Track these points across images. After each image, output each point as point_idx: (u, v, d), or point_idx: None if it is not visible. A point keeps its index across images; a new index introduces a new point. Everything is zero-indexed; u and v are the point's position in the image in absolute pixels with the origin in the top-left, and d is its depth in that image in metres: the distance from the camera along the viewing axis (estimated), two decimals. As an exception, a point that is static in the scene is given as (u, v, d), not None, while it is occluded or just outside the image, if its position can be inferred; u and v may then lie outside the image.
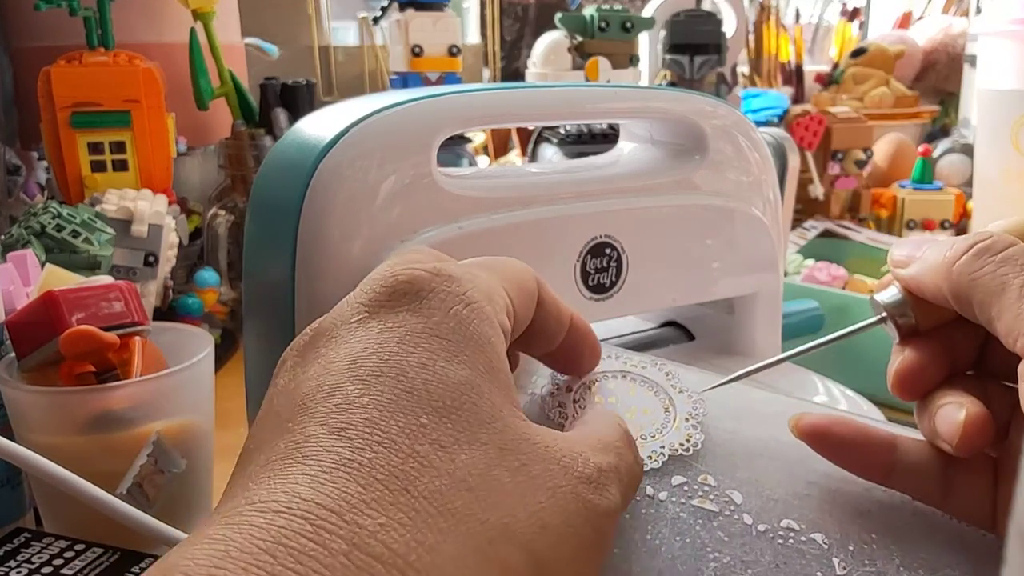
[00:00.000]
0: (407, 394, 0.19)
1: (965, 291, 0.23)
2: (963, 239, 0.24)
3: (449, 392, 0.19)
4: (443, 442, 0.18)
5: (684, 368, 0.29)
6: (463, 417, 0.19)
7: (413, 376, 0.19)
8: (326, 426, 0.18)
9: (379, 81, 1.16)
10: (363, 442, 0.18)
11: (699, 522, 0.25)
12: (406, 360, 0.20)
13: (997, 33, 0.89)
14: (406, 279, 0.22)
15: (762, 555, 0.24)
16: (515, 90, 0.43)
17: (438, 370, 0.20)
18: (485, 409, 0.20)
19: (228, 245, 0.73)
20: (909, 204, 1.00)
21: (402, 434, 0.18)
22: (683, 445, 0.26)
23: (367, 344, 0.20)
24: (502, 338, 0.22)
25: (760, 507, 0.25)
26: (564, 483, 0.20)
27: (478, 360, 0.20)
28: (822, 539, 0.24)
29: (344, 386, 0.19)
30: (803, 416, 0.25)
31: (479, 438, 0.19)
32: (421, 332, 0.20)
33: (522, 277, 0.25)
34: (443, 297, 0.21)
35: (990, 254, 0.23)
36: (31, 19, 0.75)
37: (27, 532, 0.37)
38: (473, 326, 0.21)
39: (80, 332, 0.38)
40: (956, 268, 0.23)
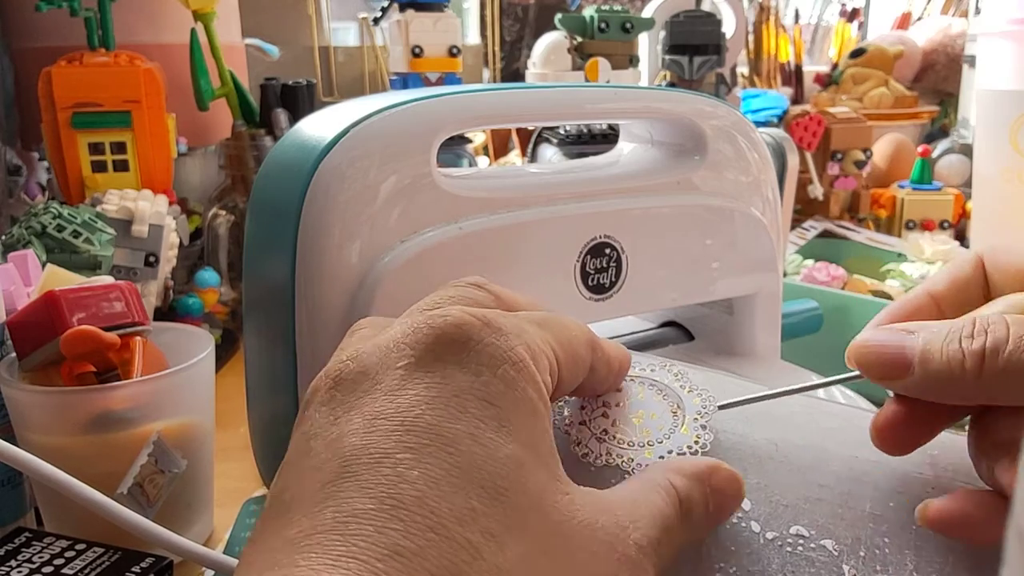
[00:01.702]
0: (457, 470, 0.18)
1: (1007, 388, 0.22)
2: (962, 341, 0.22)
3: (499, 470, 0.19)
4: (493, 530, 0.18)
5: (693, 368, 0.28)
6: (512, 501, 0.19)
7: (464, 449, 0.19)
8: (376, 500, 0.18)
9: (379, 82, 1.16)
10: (415, 526, 0.17)
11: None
12: (455, 428, 0.19)
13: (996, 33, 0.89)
14: (455, 324, 0.21)
15: (769, 564, 0.23)
16: (515, 90, 0.43)
17: (487, 443, 0.19)
18: (532, 490, 0.19)
19: (228, 245, 0.73)
20: (908, 204, 1.01)
21: (453, 519, 0.18)
22: (691, 448, 0.25)
23: (414, 402, 0.20)
24: (546, 399, 0.21)
25: (769, 513, 0.24)
26: (606, 568, 0.20)
27: (524, 430, 0.20)
28: (832, 545, 0.24)
29: (393, 453, 0.19)
30: (929, 505, 0.23)
31: (527, 524, 0.19)
32: (469, 394, 0.20)
33: (574, 340, 0.24)
34: (492, 352, 0.21)
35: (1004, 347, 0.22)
36: (32, 20, 0.75)
37: (28, 532, 0.37)
38: (520, 390, 0.20)
39: (81, 332, 0.38)
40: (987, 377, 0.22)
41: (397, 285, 0.35)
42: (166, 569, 0.36)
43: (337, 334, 0.36)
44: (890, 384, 0.24)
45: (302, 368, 0.37)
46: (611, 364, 0.26)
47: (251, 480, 0.47)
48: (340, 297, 0.36)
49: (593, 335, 0.25)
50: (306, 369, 0.37)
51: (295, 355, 0.37)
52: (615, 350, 0.26)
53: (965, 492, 0.23)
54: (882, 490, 0.25)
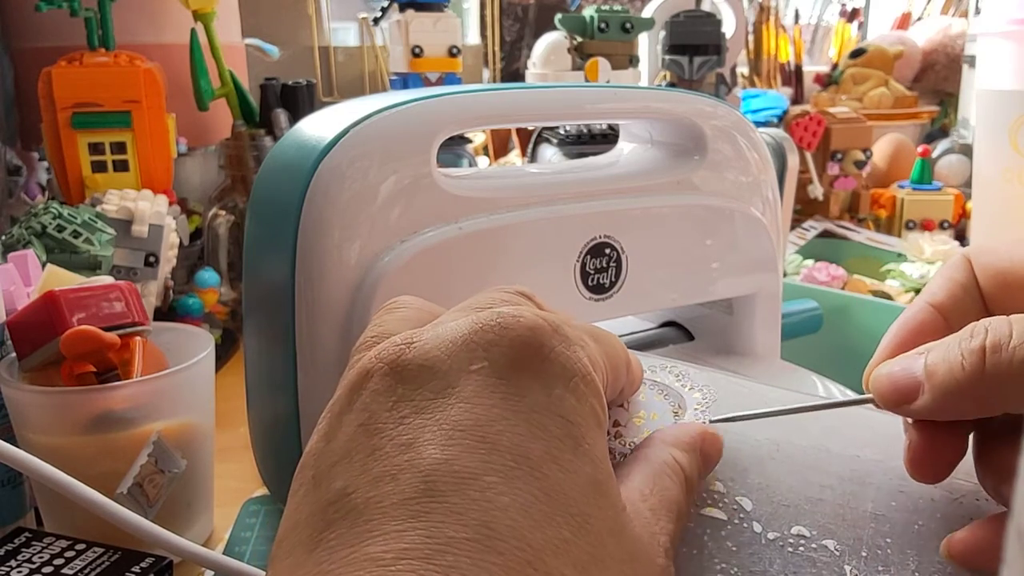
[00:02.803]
0: (545, 496, 0.18)
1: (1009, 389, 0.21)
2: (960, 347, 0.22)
3: (581, 495, 0.19)
4: (584, 563, 0.18)
5: (696, 368, 0.28)
6: (594, 528, 0.19)
7: (548, 473, 0.18)
8: (469, 529, 0.17)
9: (379, 82, 1.16)
10: (514, 560, 0.17)
11: (707, 532, 0.24)
12: (536, 448, 0.19)
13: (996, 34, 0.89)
14: (528, 327, 0.20)
15: (771, 565, 0.23)
16: (515, 91, 0.44)
17: (568, 465, 0.19)
18: (608, 514, 0.19)
19: (228, 245, 0.73)
20: (908, 204, 1.01)
21: (549, 551, 0.17)
22: None
23: (493, 416, 0.19)
24: (606, 411, 0.21)
25: (770, 514, 0.24)
26: None
27: (596, 448, 0.20)
28: (834, 546, 0.23)
29: (480, 475, 0.18)
30: (952, 539, 0.23)
31: (609, 552, 0.19)
32: (546, 410, 0.19)
33: (620, 359, 0.24)
34: (563, 363, 0.20)
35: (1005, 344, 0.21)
36: (32, 20, 0.75)
37: (28, 532, 0.37)
38: (588, 405, 0.20)
39: (81, 332, 0.38)
40: (988, 377, 0.21)
41: (397, 285, 0.35)
42: (166, 569, 0.36)
43: (337, 334, 0.36)
44: (905, 411, 0.24)
45: (302, 368, 0.37)
46: (634, 384, 0.26)
47: (251, 480, 0.47)
48: (340, 297, 0.36)
49: (630, 355, 0.25)
50: (306, 369, 0.37)
51: (295, 355, 0.37)
52: (638, 367, 0.26)
53: (984, 522, 0.23)
54: (884, 490, 0.25)
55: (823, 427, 0.27)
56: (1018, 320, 0.22)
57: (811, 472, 0.25)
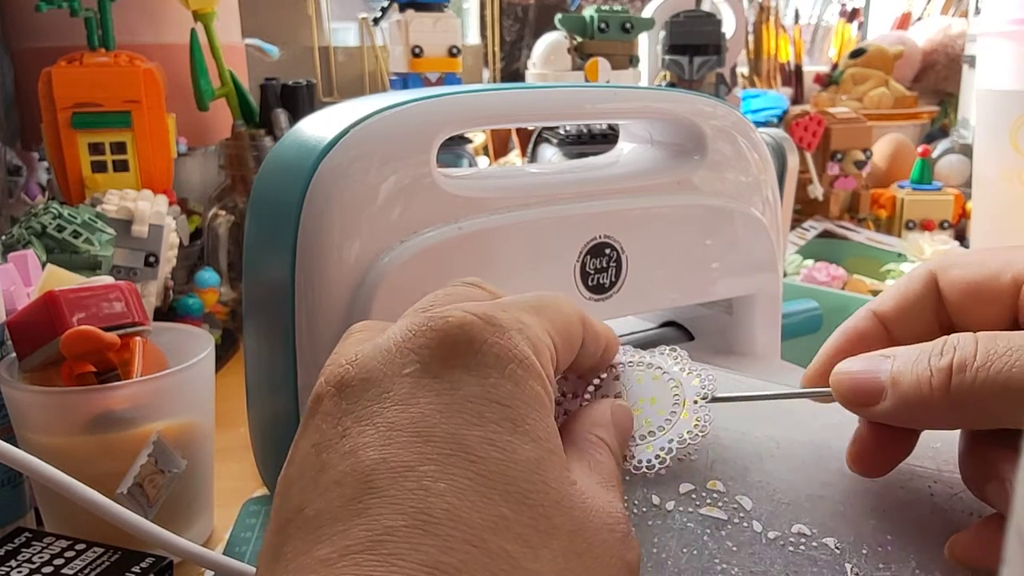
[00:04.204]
0: (481, 478, 0.19)
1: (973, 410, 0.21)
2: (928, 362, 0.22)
3: (521, 473, 0.19)
4: (526, 536, 0.18)
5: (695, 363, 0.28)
6: (537, 502, 0.19)
7: (484, 456, 0.19)
8: (406, 516, 0.18)
9: (379, 82, 1.16)
10: (452, 540, 0.17)
11: (707, 532, 0.24)
12: (473, 435, 0.19)
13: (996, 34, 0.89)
14: (457, 325, 0.21)
15: (772, 564, 0.23)
16: (515, 91, 0.43)
17: (506, 446, 0.19)
18: (553, 488, 0.20)
19: (228, 245, 0.73)
20: (908, 204, 1.01)
21: (488, 529, 0.18)
22: (691, 433, 0.25)
23: (427, 411, 0.19)
24: (551, 390, 0.22)
25: (771, 512, 0.24)
26: (613, 550, 0.20)
27: (538, 427, 0.20)
28: (834, 543, 0.23)
29: (415, 466, 0.18)
30: (956, 542, 0.23)
31: (554, 524, 0.19)
32: (481, 398, 0.20)
33: (569, 322, 0.24)
34: (497, 353, 0.21)
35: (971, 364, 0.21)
36: (32, 20, 0.75)
37: (28, 532, 0.37)
38: (528, 387, 0.21)
39: (81, 332, 0.38)
40: (952, 398, 0.21)
41: (397, 285, 0.35)
42: (166, 569, 0.36)
43: (337, 334, 0.36)
44: (864, 412, 0.24)
45: (302, 368, 0.37)
46: (599, 339, 0.26)
47: (251, 480, 0.47)
48: (340, 297, 0.36)
49: (583, 312, 0.26)
50: (306, 369, 0.37)
51: (295, 355, 0.37)
52: (602, 326, 0.27)
53: (986, 522, 0.23)
54: (884, 486, 0.25)
55: (823, 424, 0.27)
56: (984, 339, 0.22)
57: (811, 469, 0.25)
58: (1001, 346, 0.21)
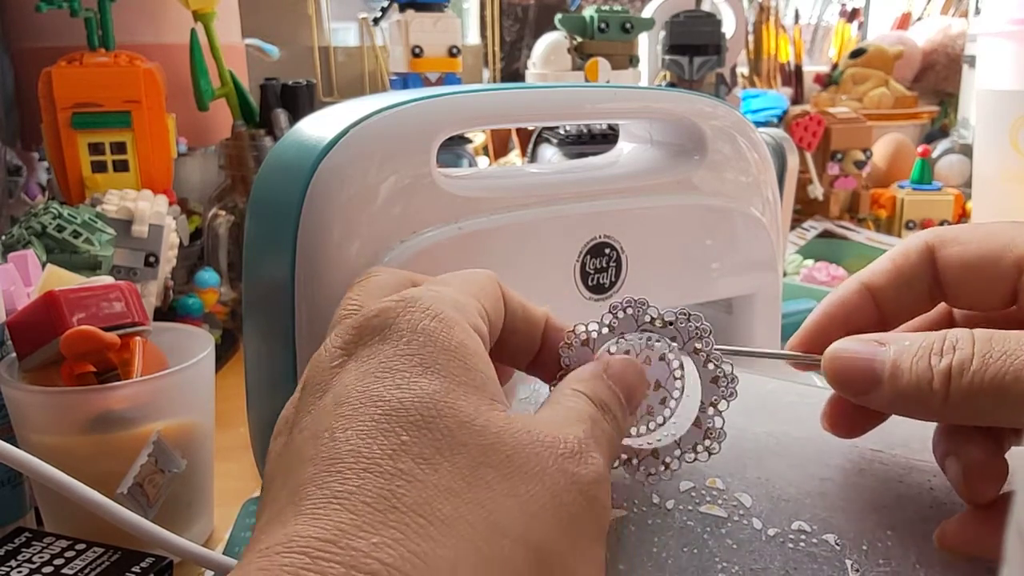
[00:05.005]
0: (385, 417, 0.20)
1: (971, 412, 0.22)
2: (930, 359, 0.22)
3: (425, 404, 0.20)
4: (425, 455, 0.19)
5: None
6: (442, 424, 0.20)
7: (389, 398, 0.20)
8: (317, 465, 0.19)
9: (379, 82, 1.16)
10: (350, 471, 0.19)
11: (707, 530, 0.24)
12: (382, 385, 0.20)
13: (996, 34, 0.89)
14: (375, 314, 0.22)
15: (772, 562, 0.23)
16: (515, 91, 0.43)
17: (412, 386, 0.20)
18: (464, 411, 0.20)
19: (228, 245, 0.73)
20: (908, 204, 1.01)
21: (385, 456, 0.19)
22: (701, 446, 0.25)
23: (348, 383, 0.21)
24: (477, 339, 0.23)
25: (770, 509, 0.24)
26: (550, 463, 0.20)
27: (451, 366, 0.21)
28: (834, 540, 0.23)
29: (331, 426, 0.20)
30: (945, 530, 0.23)
31: (460, 441, 0.19)
32: (393, 355, 0.21)
33: (485, 283, 0.25)
34: (409, 317, 0.22)
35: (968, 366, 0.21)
36: (32, 20, 0.75)
37: (28, 532, 0.37)
38: (442, 335, 0.22)
39: (81, 332, 0.38)
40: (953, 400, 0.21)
41: (397, 285, 0.35)
42: (166, 569, 0.36)
43: (337, 334, 0.36)
44: (855, 398, 0.24)
45: (302, 368, 0.36)
46: (526, 306, 0.27)
47: (251, 480, 0.47)
48: (340, 297, 0.35)
49: (495, 277, 0.26)
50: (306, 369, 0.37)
51: (295, 355, 0.37)
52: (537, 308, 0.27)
53: (974, 511, 0.23)
54: (883, 481, 0.25)
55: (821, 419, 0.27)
56: (980, 340, 0.22)
57: (810, 465, 0.25)
58: (997, 349, 0.21)
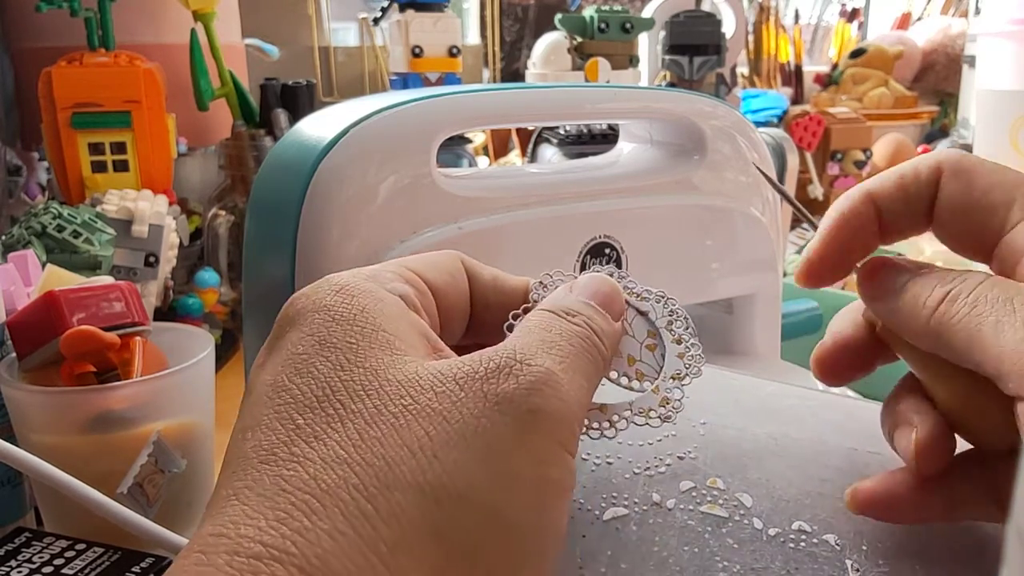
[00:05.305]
0: (284, 406, 0.20)
1: (945, 342, 0.22)
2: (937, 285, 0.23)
3: (319, 383, 0.20)
4: (316, 432, 0.19)
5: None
6: (336, 399, 0.19)
7: (289, 386, 0.20)
8: (229, 466, 0.20)
9: (379, 82, 1.16)
10: (250, 466, 0.19)
11: (708, 529, 0.24)
12: (285, 374, 0.20)
13: (996, 34, 0.89)
14: (289, 303, 0.22)
15: (772, 561, 0.23)
16: (515, 91, 0.44)
17: (309, 368, 0.20)
18: (359, 380, 0.20)
19: (228, 245, 0.73)
20: (908, 204, 1.00)
21: (280, 443, 0.19)
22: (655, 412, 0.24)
23: (262, 379, 0.21)
24: (392, 300, 0.22)
25: (771, 509, 0.24)
26: (461, 394, 0.19)
27: (350, 335, 0.21)
28: (835, 540, 0.23)
29: (244, 425, 0.20)
30: (858, 489, 0.24)
31: (352, 409, 0.19)
32: (298, 341, 0.21)
33: (433, 257, 0.25)
34: (314, 299, 0.22)
35: (962, 298, 0.22)
36: (32, 20, 0.75)
37: (28, 532, 0.37)
38: (342, 307, 0.21)
39: (81, 332, 0.38)
40: (934, 322, 0.22)
41: (397, 285, 0.35)
42: (166, 569, 0.36)
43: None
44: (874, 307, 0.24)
45: (302, 368, 0.37)
46: (502, 277, 0.26)
47: (251, 480, 0.47)
48: (340, 297, 0.36)
49: (459, 253, 0.26)
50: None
51: (295, 355, 0.37)
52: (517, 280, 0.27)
53: (890, 473, 0.24)
54: None
55: (820, 420, 0.27)
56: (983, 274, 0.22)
57: (810, 466, 0.25)
58: (993, 294, 0.21)
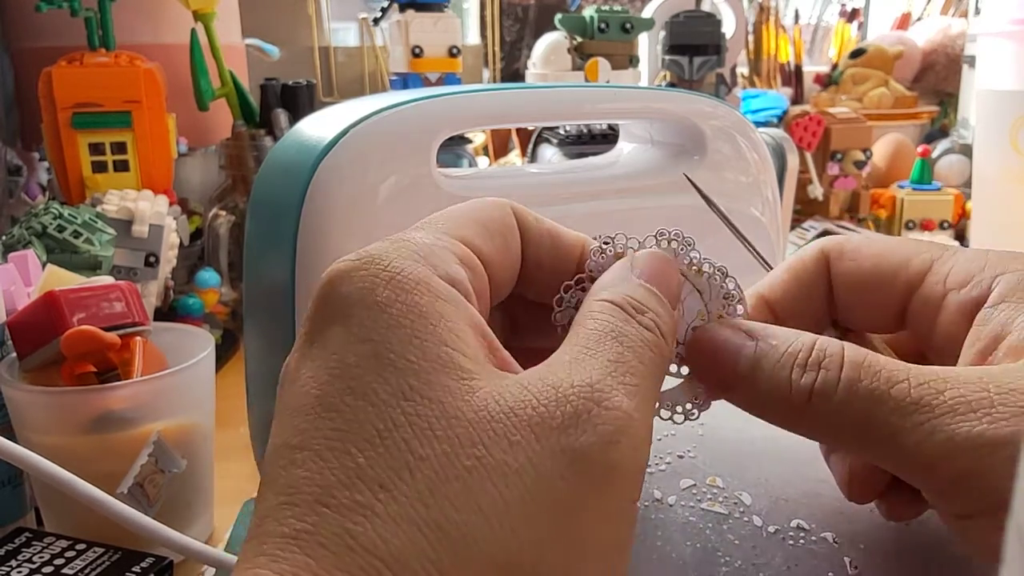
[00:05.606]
0: (339, 432, 0.17)
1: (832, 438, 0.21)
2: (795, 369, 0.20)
3: (379, 413, 0.17)
4: (382, 480, 0.17)
5: None
6: (400, 436, 0.17)
7: (342, 408, 0.18)
8: (277, 494, 0.17)
9: (379, 82, 1.16)
10: (307, 506, 0.17)
11: (709, 526, 0.24)
12: (334, 389, 0.18)
13: (996, 34, 0.89)
14: (327, 281, 0.20)
15: (773, 557, 0.23)
16: (515, 91, 0.44)
17: (365, 389, 0.18)
18: (424, 415, 0.17)
19: (229, 245, 0.73)
20: (908, 204, 1.01)
21: (339, 485, 0.17)
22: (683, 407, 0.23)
23: (304, 382, 0.19)
24: (448, 295, 0.19)
25: (770, 508, 0.25)
26: (537, 447, 0.17)
27: (411, 348, 0.18)
28: (832, 538, 0.24)
29: (288, 440, 0.18)
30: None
31: (421, 455, 0.17)
32: (345, 346, 0.18)
33: (482, 215, 0.22)
34: (362, 287, 0.19)
35: (831, 397, 0.20)
36: (32, 20, 0.75)
37: (28, 532, 0.37)
38: (398, 306, 0.19)
39: (81, 332, 0.38)
40: (809, 418, 0.20)
41: (397, 285, 0.35)
42: (166, 569, 0.36)
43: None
44: (720, 393, 0.22)
45: (302, 368, 0.37)
46: (557, 232, 0.24)
47: (251, 480, 0.47)
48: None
49: (511, 204, 0.23)
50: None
51: (295, 355, 0.37)
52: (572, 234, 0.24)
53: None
54: None
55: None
56: (851, 362, 0.20)
57: (806, 467, 0.26)
58: (865, 383, 0.20)
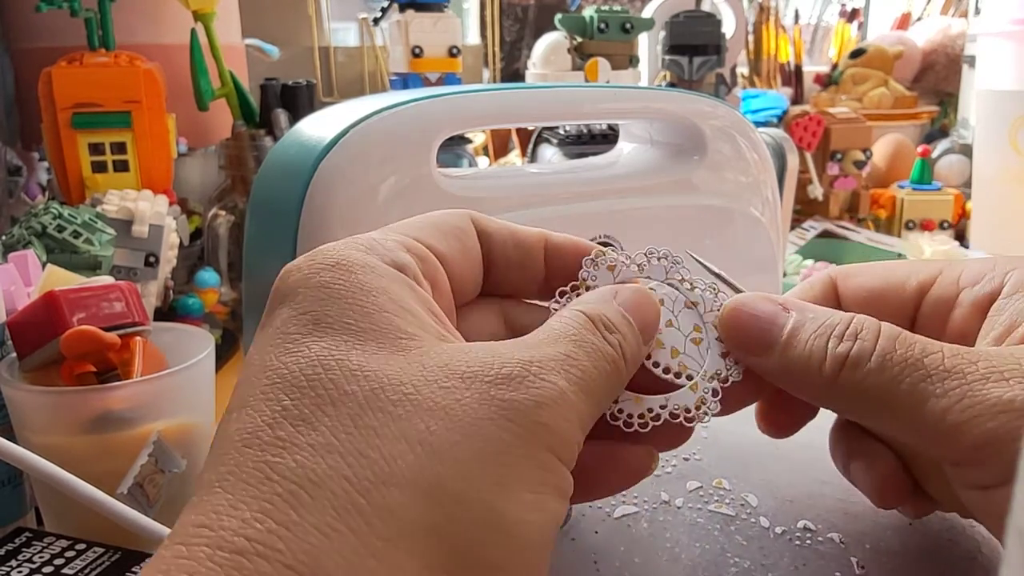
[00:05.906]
0: (271, 386, 0.18)
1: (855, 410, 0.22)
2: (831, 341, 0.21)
3: (310, 363, 0.18)
4: (304, 415, 0.18)
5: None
6: (328, 379, 0.18)
7: (277, 366, 0.19)
8: (213, 450, 0.18)
9: (379, 82, 1.16)
10: (233, 449, 0.18)
11: (717, 527, 0.25)
12: (273, 353, 0.19)
13: (996, 34, 0.89)
14: (280, 280, 0.21)
15: (781, 558, 0.24)
16: (515, 91, 0.44)
17: (299, 348, 0.19)
18: (353, 360, 0.18)
19: (229, 245, 0.73)
20: (908, 205, 1.01)
21: (264, 426, 0.18)
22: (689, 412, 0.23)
23: (250, 358, 0.20)
24: (391, 276, 0.21)
25: (776, 509, 0.25)
26: (467, 394, 0.18)
27: (347, 315, 0.19)
28: (839, 538, 0.24)
29: (231, 407, 0.19)
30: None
31: (345, 391, 0.18)
32: (288, 319, 0.20)
33: (437, 218, 0.23)
34: (307, 273, 0.21)
35: (865, 362, 0.21)
36: (32, 20, 0.75)
37: (28, 532, 0.37)
38: (338, 283, 0.20)
39: (81, 332, 0.38)
40: (836, 389, 0.21)
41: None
42: (166, 569, 0.36)
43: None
44: (751, 361, 0.23)
45: (302, 368, 0.37)
46: (517, 230, 0.24)
47: (251, 480, 0.47)
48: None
49: (469, 212, 0.24)
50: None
51: (295, 355, 0.37)
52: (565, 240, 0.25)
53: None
54: None
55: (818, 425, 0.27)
56: (887, 336, 0.21)
57: (810, 469, 0.26)
58: (899, 353, 0.20)
